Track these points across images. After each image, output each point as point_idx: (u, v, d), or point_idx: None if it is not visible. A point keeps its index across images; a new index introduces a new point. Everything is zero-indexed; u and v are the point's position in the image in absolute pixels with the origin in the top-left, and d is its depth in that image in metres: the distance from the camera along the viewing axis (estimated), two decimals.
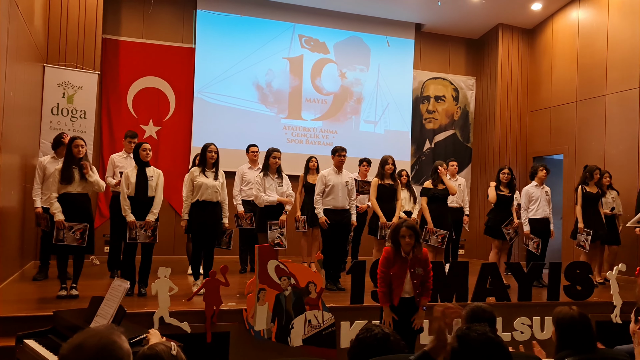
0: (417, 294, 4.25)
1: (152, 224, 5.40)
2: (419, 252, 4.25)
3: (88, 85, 7.69)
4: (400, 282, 4.22)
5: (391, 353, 2.44)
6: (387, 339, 2.50)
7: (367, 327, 2.58)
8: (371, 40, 10.02)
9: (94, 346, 1.51)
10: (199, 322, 4.56)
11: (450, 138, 10.58)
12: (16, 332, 3.60)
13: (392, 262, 4.22)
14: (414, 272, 4.21)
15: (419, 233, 4.22)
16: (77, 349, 1.51)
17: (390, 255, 4.25)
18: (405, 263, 4.20)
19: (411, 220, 4.46)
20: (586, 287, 5.76)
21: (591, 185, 7.24)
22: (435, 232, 6.72)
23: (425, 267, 4.29)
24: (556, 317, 2.87)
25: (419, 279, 4.24)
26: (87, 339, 1.53)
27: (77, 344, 1.53)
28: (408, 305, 4.29)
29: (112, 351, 1.53)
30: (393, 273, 4.21)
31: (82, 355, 1.49)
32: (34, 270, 6.55)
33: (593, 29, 8.97)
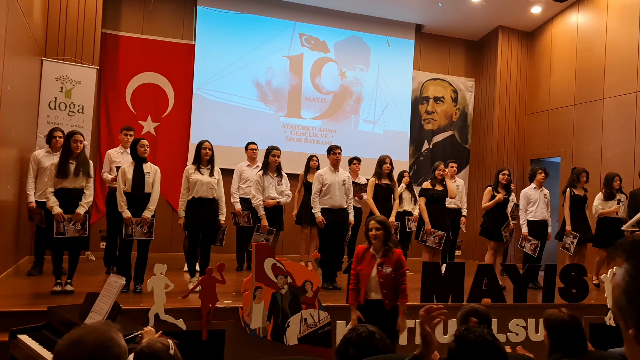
0: (385, 295, 4.03)
1: (148, 220, 5.39)
2: (390, 251, 4.09)
3: (86, 79, 7.66)
4: (365, 280, 4.09)
5: (377, 351, 2.44)
6: (372, 337, 2.51)
7: (354, 327, 2.60)
8: (371, 40, 10.01)
9: (92, 342, 1.49)
10: (195, 319, 4.56)
11: (449, 139, 10.58)
12: (10, 328, 3.60)
13: (360, 258, 4.13)
14: (381, 270, 4.04)
15: (389, 229, 4.09)
16: (74, 345, 1.49)
17: (360, 252, 4.16)
18: (374, 260, 4.07)
19: (380, 216, 4.30)
20: (581, 289, 5.77)
21: (579, 187, 7.25)
22: (432, 232, 6.72)
23: (398, 268, 4.09)
24: (547, 320, 2.87)
25: (387, 280, 4.04)
26: (85, 335, 1.51)
27: (74, 339, 1.50)
28: (374, 307, 4.08)
29: (110, 348, 1.51)
30: (360, 270, 4.10)
31: (80, 351, 1.47)
32: (29, 265, 6.53)
33: (592, 33, 8.98)
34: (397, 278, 4.07)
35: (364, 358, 2.37)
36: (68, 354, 1.48)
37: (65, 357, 1.48)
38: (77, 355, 1.47)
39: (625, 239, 1.12)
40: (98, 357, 1.48)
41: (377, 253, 4.08)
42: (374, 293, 4.07)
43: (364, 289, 4.07)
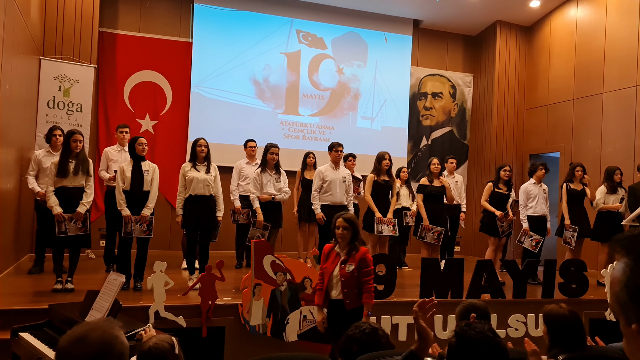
0: (345, 294, 3.86)
1: (147, 218, 5.40)
2: (355, 249, 3.93)
3: (84, 78, 7.66)
4: (328, 279, 3.95)
5: (380, 348, 2.46)
6: (375, 333, 2.52)
7: (356, 324, 2.60)
8: (369, 36, 10.00)
9: (96, 340, 1.49)
10: (195, 316, 4.57)
11: (447, 135, 10.58)
12: (11, 325, 3.61)
13: (326, 256, 4.00)
14: (343, 268, 3.89)
15: (357, 228, 3.94)
16: (78, 342, 1.49)
17: (327, 250, 4.02)
18: (338, 258, 3.94)
19: (351, 213, 4.09)
20: (581, 284, 5.79)
21: (575, 182, 7.27)
22: (431, 229, 6.74)
23: (362, 267, 3.90)
24: (546, 315, 2.88)
25: (348, 278, 3.86)
26: (89, 332, 1.51)
27: (78, 336, 1.50)
28: (335, 307, 3.93)
29: (114, 345, 1.52)
30: (324, 268, 3.97)
31: (84, 348, 1.47)
32: (30, 263, 6.55)
33: (591, 27, 8.98)
34: (361, 277, 3.90)
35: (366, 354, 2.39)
36: (72, 351, 1.48)
37: (69, 353, 1.48)
38: (81, 353, 1.47)
39: (623, 234, 1.10)
40: (102, 355, 1.48)
41: (341, 251, 3.95)
42: (335, 292, 3.93)
43: (327, 288, 3.95)
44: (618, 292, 1.06)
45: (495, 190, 7.00)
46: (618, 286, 1.06)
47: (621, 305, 1.06)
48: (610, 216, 7.11)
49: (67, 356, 1.48)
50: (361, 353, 2.40)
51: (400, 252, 7.98)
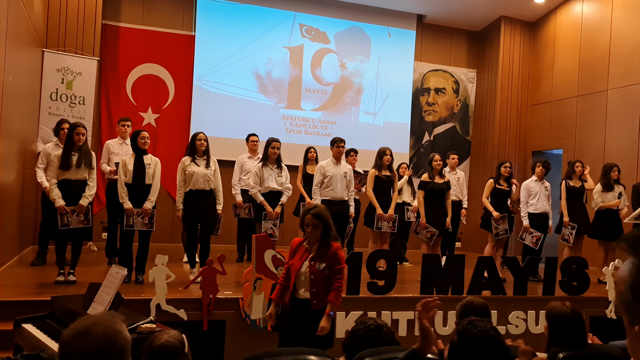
0: (314, 294, 3.54)
1: (149, 211, 5.42)
2: (327, 245, 3.61)
3: (87, 71, 7.66)
4: (296, 276, 3.62)
5: (384, 344, 2.47)
6: (381, 330, 2.53)
7: (362, 320, 2.61)
8: (372, 31, 9.98)
9: (100, 334, 1.48)
10: (196, 309, 4.59)
11: (450, 131, 10.57)
12: (14, 317, 3.63)
13: (294, 252, 3.70)
14: (313, 265, 3.56)
15: (328, 223, 3.60)
16: (81, 336, 1.48)
17: (295, 245, 3.71)
18: (307, 254, 3.62)
19: (321, 207, 3.68)
20: (582, 282, 5.79)
21: (574, 179, 7.26)
22: (426, 227, 6.74)
23: (334, 265, 3.59)
24: (549, 312, 2.90)
25: (318, 277, 3.54)
26: (92, 327, 1.50)
27: (81, 331, 1.49)
28: (301, 307, 3.58)
29: (117, 341, 1.51)
30: (291, 264, 3.65)
31: (87, 343, 1.46)
32: (32, 255, 6.57)
33: (596, 23, 8.94)
34: (331, 275, 3.59)
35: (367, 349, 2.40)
36: (75, 346, 1.47)
37: (72, 348, 1.47)
38: (84, 347, 1.46)
39: (630, 233, 1.10)
40: (105, 350, 1.48)
41: (311, 247, 3.62)
42: (303, 290, 3.59)
43: (293, 286, 3.62)
44: (623, 292, 1.06)
45: (496, 186, 6.99)
46: (623, 286, 1.06)
47: (625, 305, 1.06)
48: (609, 214, 7.11)
49: (70, 350, 1.47)
50: (364, 349, 2.41)
51: (401, 248, 7.99)
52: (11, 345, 3.63)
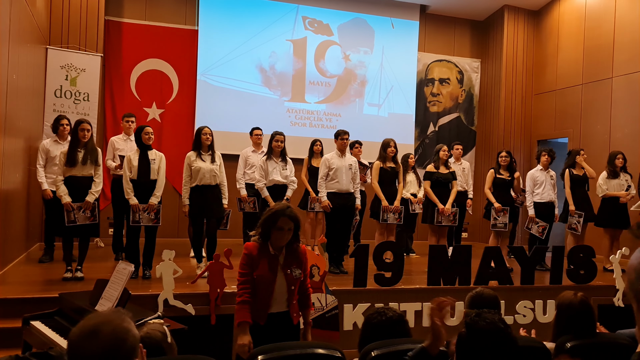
0: (293, 307, 3.14)
1: (155, 206, 5.43)
2: (295, 247, 3.20)
3: (91, 67, 7.67)
4: (269, 289, 3.07)
5: (404, 335, 2.47)
6: (402, 321, 2.52)
7: (378, 311, 2.57)
8: (375, 22, 9.93)
9: (109, 334, 1.49)
10: (203, 304, 4.60)
11: (455, 121, 10.53)
12: (22, 314, 3.64)
13: (256, 261, 3.08)
14: (290, 274, 3.10)
15: (299, 223, 3.17)
16: (90, 336, 1.48)
17: (254, 252, 3.10)
18: (276, 262, 3.10)
19: (291, 206, 3.23)
20: (589, 270, 5.77)
21: (577, 167, 7.22)
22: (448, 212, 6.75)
23: (304, 269, 3.21)
24: (558, 302, 2.90)
25: (297, 286, 3.15)
26: (101, 326, 1.50)
27: (90, 330, 1.49)
28: (278, 323, 3.10)
29: (126, 340, 1.52)
30: (258, 276, 3.06)
31: (96, 342, 1.47)
32: (40, 252, 6.61)
33: (600, 10, 8.86)
34: (303, 281, 3.23)
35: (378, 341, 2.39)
36: (84, 346, 1.47)
37: (81, 348, 1.48)
38: (93, 347, 1.46)
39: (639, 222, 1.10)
40: (115, 349, 1.48)
41: (278, 252, 3.12)
42: (277, 305, 3.10)
43: (265, 301, 3.07)
44: (634, 280, 1.06)
45: (497, 176, 6.97)
46: (634, 274, 1.06)
47: (635, 293, 1.06)
48: (614, 202, 7.07)
49: (79, 350, 1.47)
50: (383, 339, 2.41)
51: (407, 239, 7.98)
52: (20, 343, 3.65)
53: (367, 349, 2.37)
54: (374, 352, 2.33)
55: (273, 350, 2.39)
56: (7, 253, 5.34)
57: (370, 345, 2.37)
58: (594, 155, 8.03)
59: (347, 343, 4.41)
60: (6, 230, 5.23)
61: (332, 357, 2.43)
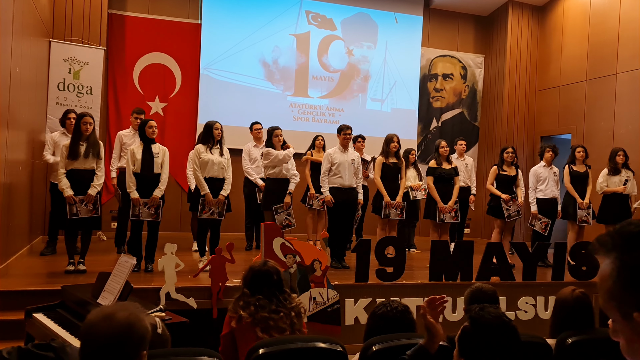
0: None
1: (156, 201, 5.44)
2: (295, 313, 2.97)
3: (94, 60, 7.66)
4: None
5: (411, 325, 2.49)
6: (407, 312, 2.54)
7: (383, 303, 2.59)
8: (379, 17, 9.90)
9: (124, 319, 1.63)
10: (205, 298, 4.62)
11: (458, 117, 10.50)
12: (25, 306, 3.66)
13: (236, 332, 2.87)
14: None
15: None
16: (106, 318, 1.63)
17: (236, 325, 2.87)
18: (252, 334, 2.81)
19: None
20: (591, 267, 5.77)
21: (578, 164, 7.20)
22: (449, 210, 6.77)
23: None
24: (556, 298, 2.91)
25: None
26: (118, 311, 1.65)
27: (107, 313, 1.64)
28: None
29: (139, 328, 1.65)
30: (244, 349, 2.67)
31: (111, 324, 1.61)
32: (42, 245, 6.63)
33: (605, 6, 8.82)
34: None
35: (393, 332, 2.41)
36: (99, 326, 1.61)
37: (96, 328, 1.62)
38: (107, 328, 1.61)
39: (603, 235, 1.08)
40: (127, 333, 1.62)
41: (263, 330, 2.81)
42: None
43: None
44: (611, 287, 1.03)
45: (501, 172, 6.96)
46: (610, 280, 1.03)
47: (616, 300, 1.03)
48: (615, 198, 7.06)
49: (94, 330, 1.61)
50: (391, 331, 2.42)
51: (409, 233, 7.98)
52: (22, 335, 3.66)
53: (368, 343, 2.37)
54: (375, 346, 2.34)
55: (274, 344, 2.40)
56: (10, 245, 5.36)
57: (371, 339, 2.38)
58: (597, 151, 8.01)
59: (348, 337, 4.42)
60: (9, 222, 5.24)
61: (334, 351, 2.43)
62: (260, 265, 3.03)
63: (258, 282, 2.95)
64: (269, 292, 2.91)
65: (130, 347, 1.62)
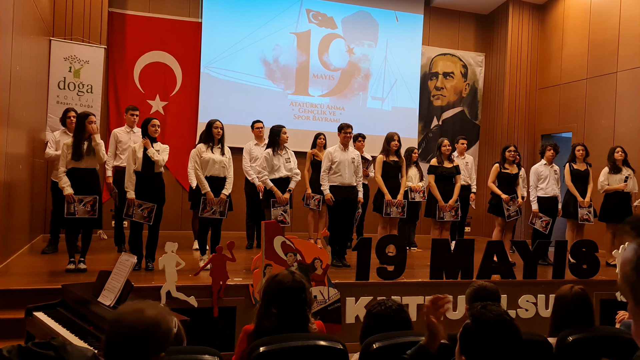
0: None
1: (149, 205, 5.43)
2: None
3: (94, 59, 7.66)
4: None
5: (406, 324, 2.48)
6: (402, 310, 2.53)
7: (378, 302, 2.59)
8: (379, 15, 9.89)
9: (153, 315, 1.71)
10: (206, 296, 4.62)
11: (458, 115, 10.50)
12: (26, 305, 3.66)
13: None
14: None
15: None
16: (136, 312, 1.71)
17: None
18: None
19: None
20: (592, 265, 5.76)
21: (579, 162, 7.20)
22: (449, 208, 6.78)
23: None
24: (555, 295, 2.91)
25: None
26: (148, 308, 1.73)
27: (138, 307, 1.73)
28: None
29: (164, 325, 1.73)
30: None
31: (141, 316, 1.69)
32: (43, 243, 6.63)
33: (605, 5, 8.81)
34: None
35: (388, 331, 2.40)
36: (129, 317, 1.70)
37: (125, 319, 1.70)
38: (136, 320, 1.69)
39: (633, 216, 1.10)
40: (153, 329, 1.69)
41: None
42: None
43: None
44: (628, 272, 1.06)
45: (502, 170, 6.95)
46: (629, 266, 1.06)
47: (631, 286, 1.05)
48: (617, 197, 7.05)
49: (123, 321, 1.70)
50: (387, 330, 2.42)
51: (410, 232, 7.98)
52: (23, 334, 3.67)
53: (368, 341, 2.37)
54: (376, 344, 2.33)
55: (275, 342, 2.39)
56: (11, 244, 5.36)
57: (371, 337, 2.38)
58: (598, 150, 8.00)
59: (349, 336, 4.41)
60: (10, 221, 5.24)
61: (334, 349, 2.43)
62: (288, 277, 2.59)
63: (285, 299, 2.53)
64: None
65: (152, 343, 1.68)
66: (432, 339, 2.13)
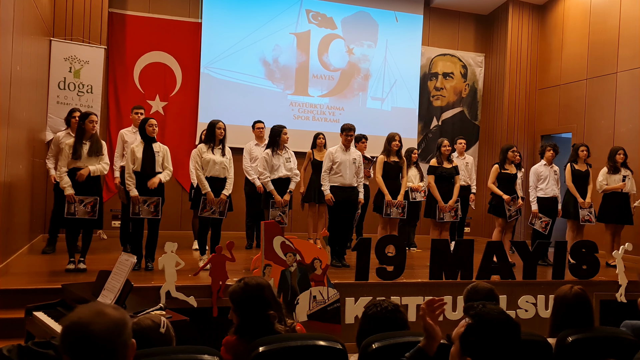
0: None
1: (155, 200, 5.43)
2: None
3: (94, 59, 7.66)
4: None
5: (402, 324, 2.48)
6: (398, 310, 2.53)
7: (374, 303, 2.59)
8: (379, 16, 9.89)
9: (117, 315, 1.60)
10: (206, 296, 4.62)
11: (458, 116, 10.50)
12: (25, 305, 3.66)
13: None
14: None
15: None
16: (100, 314, 1.58)
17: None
18: None
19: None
20: (591, 266, 5.77)
21: (580, 163, 7.20)
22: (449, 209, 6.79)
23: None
24: (554, 296, 2.91)
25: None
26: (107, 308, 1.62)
27: (98, 309, 1.60)
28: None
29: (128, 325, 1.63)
30: None
31: (106, 318, 1.57)
32: (43, 243, 6.63)
33: (605, 5, 8.81)
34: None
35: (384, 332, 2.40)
36: (94, 321, 1.56)
37: (90, 322, 1.55)
38: (102, 322, 1.56)
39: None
40: (119, 329, 1.59)
41: None
42: None
43: None
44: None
45: (502, 171, 6.94)
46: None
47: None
48: (615, 197, 7.06)
49: (88, 324, 1.55)
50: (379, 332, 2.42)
51: (409, 232, 7.98)
52: (22, 333, 3.67)
53: (367, 341, 2.37)
54: (375, 344, 2.33)
55: (274, 342, 2.40)
56: (11, 244, 5.37)
57: (370, 338, 2.38)
58: (597, 150, 8.00)
59: (348, 336, 4.41)
60: (10, 221, 5.25)
61: (333, 349, 2.43)
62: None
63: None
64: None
65: (121, 345, 1.59)
66: (430, 341, 2.13)
